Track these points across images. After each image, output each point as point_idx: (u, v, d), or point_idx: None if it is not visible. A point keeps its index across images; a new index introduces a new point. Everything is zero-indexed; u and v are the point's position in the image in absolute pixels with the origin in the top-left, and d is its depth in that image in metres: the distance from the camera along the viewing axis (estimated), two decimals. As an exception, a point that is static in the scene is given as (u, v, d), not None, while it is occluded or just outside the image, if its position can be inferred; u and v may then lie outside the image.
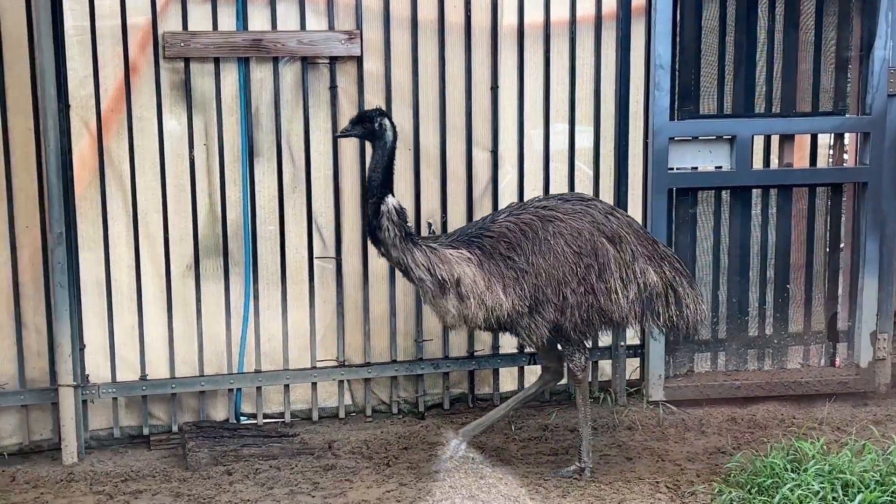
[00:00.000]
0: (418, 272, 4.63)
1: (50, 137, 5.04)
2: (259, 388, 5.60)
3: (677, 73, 5.80)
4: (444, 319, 4.77)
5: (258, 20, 5.41)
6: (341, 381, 5.74)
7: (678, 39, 5.78)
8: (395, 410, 5.84)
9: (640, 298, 4.75)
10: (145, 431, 5.50)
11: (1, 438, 5.32)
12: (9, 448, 5.34)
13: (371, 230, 4.66)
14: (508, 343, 5.76)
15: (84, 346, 5.32)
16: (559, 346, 4.90)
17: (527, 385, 5.90)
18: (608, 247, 4.72)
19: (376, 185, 4.62)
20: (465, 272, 4.63)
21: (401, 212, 4.63)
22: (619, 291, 4.71)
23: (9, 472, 5.11)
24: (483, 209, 5.73)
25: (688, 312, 4.86)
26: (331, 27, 5.48)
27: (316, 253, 5.57)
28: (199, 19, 5.33)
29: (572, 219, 4.74)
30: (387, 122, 4.68)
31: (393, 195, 4.64)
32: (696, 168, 5.92)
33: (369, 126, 4.70)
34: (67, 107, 5.17)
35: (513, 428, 5.60)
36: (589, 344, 5.06)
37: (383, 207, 4.58)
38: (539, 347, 4.90)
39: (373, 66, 5.56)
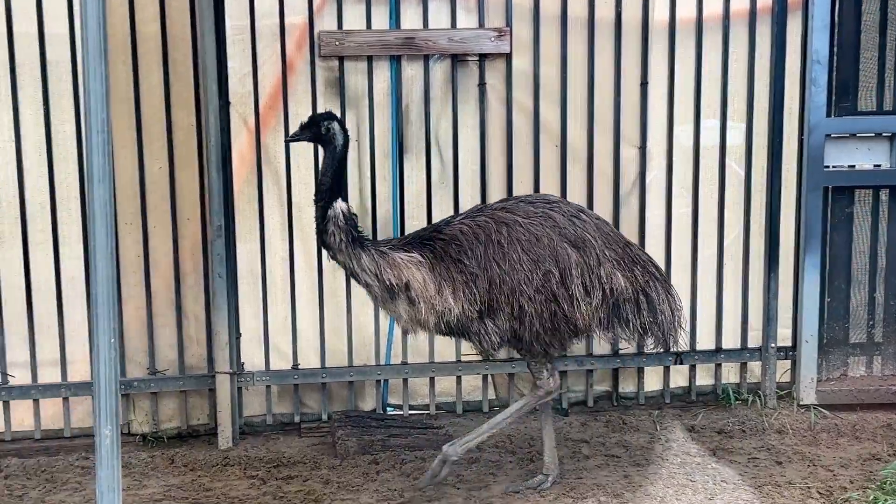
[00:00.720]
0: (364, 277, 4.50)
1: (211, 133, 5.24)
2: (405, 381, 5.70)
3: (835, 68, 5.66)
4: (397, 323, 4.69)
5: (410, 19, 5.50)
6: (485, 376, 5.78)
7: (836, 34, 5.64)
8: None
9: (605, 305, 4.53)
10: (296, 419, 5.66)
11: (161, 422, 5.56)
12: (168, 431, 5.58)
13: (318, 234, 4.55)
14: (654, 342, 5.70)
15: (240, 334, 5.51)
16: (526, 362, 4.71)
17: (672, 386, 5.86)
18: (570, 252, 4.49)
19: (325, 189, 4.48)
20: (415, 276, 4.47)
21: (349, 217, 4.48)
22: (581, 299, 4.48)
23: (168, 454, 5.33)
24: (630, 207, 5.71)
25: (663, 319, 4.64)
26: (481, 24, 5.52)
27: (461, 248, 5.62)
28: (354, 18, 5.46)
29: (532, 223, 4.52)
30: (335, 126, 4.53)
31: (343, 199, 4.49)
32: (853, 166, 5.76)
33: (316, 130, 4.56)
34: (227, 103, 5.36)
35: (658, 428, 5.54)
36: (562, 352, 4.81)
37: (330, 212, 4.45)
38: (492, 354, 4.75)
39: (521, 62, 5.58)
